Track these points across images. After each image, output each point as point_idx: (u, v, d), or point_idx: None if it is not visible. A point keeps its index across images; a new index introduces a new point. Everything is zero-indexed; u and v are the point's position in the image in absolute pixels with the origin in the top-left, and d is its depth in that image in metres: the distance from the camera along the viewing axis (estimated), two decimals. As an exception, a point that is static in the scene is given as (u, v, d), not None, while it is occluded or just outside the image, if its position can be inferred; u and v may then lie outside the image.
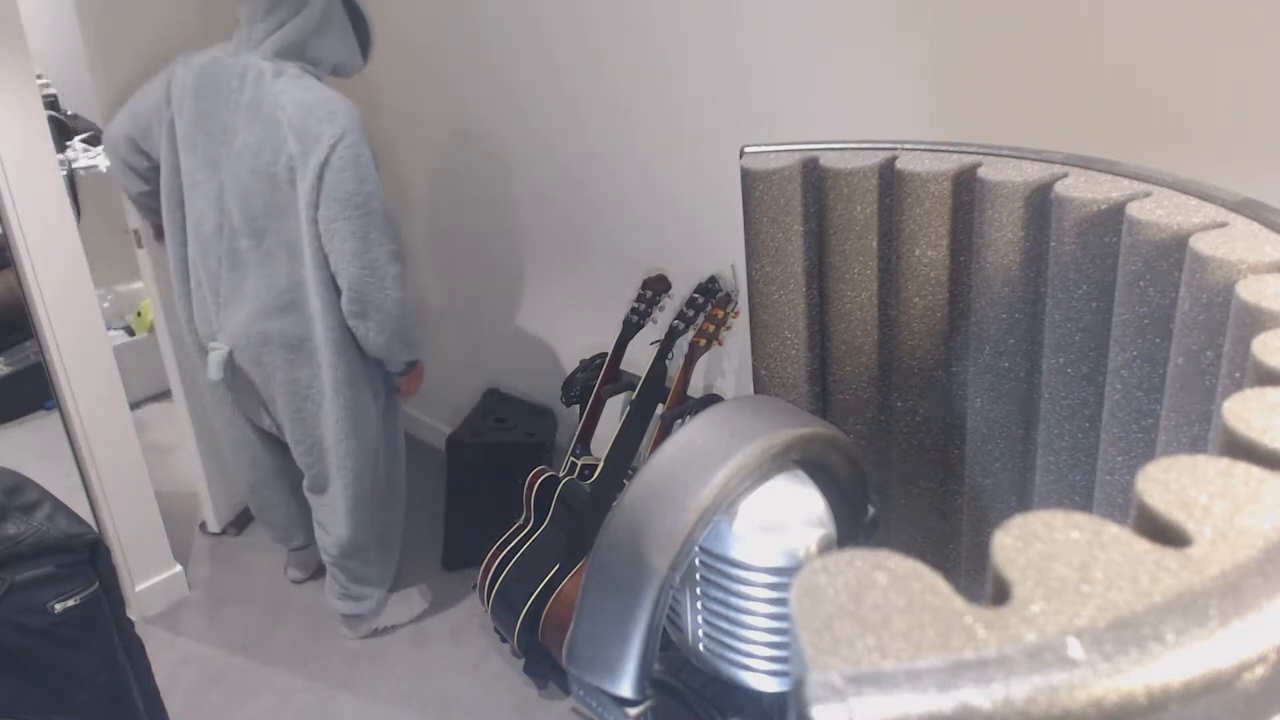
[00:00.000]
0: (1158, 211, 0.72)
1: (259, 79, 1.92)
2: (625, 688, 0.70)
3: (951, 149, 0.93)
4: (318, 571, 2.64)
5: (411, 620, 2.51)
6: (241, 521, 2.87)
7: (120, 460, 2.40)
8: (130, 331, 3.61)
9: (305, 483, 2.30)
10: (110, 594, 1.36)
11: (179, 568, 2.60)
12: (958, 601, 0.33)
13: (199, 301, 2.15)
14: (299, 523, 2.52)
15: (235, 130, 1.95)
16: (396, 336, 2.03)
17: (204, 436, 2.66)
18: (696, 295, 2.10)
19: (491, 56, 2.42)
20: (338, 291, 1.97)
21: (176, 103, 2.03)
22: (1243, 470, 0.39)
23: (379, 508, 2.31)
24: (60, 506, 1.33)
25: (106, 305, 3.52)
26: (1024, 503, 0.96)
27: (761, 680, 0.73)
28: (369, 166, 1.92)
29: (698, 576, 0.73)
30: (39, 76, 2.28)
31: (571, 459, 2.29)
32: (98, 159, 3.12)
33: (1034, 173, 0.84)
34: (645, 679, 0.70)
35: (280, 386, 2.12)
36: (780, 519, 0.70)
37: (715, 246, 2.11)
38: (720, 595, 0.72)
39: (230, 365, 2.13)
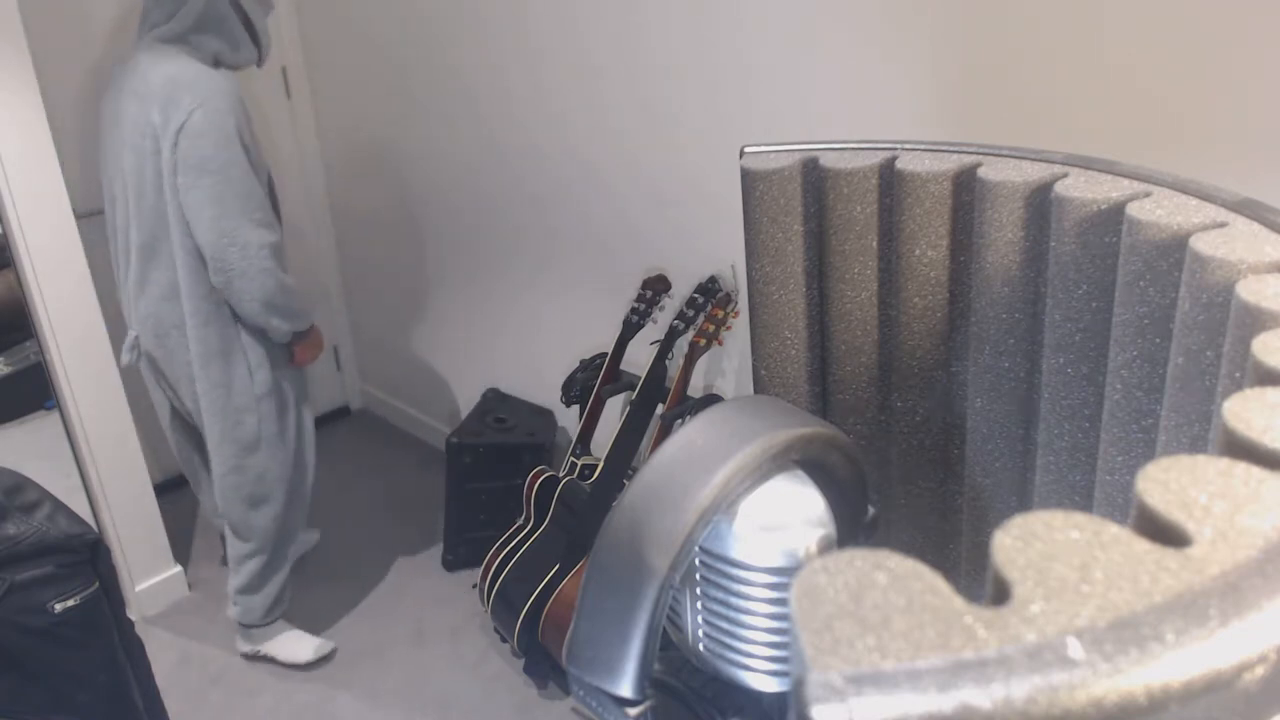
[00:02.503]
0: (1158, 211, 0.72)
1: (137, 65, 1.97)
2: (625, 688, 0.70)
3: (951, 149, 0.93)
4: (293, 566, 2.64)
5: (306, 663, 2.32)
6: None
7: (120, 460, 2.40)
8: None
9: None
10: (110, 594, 1.35)
11: (179, 568, 2.60)
12: (958, 601, 0.33)
13: (123, 294, 2.16)
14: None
15: (121, 115, 1.99)
16: (269, 307, 2.01)
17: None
18: (696, 295, 2.10)
19: (491, 57, 2.42)
20: (204, 262, 1.98)
21: (100, 112, 2.09)
22: (1243, 470, 0.39)
23: (260, 502, 2.21)
24: (60, 506, 1.32)
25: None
26: (1024, 503, 0.96)
27: (761, 680, 0.73)
28: (230, 136, 1.90)
29: (698, 576, 0.73)
30: None
31: (571, 459, 2.29)
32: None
33: (1034, 173, 0.84)
34: (645, 679, 0.70)
35: (183, 367, 2.10)
36: (780, 519, 0.70)
37: (715, 246, 2.11)
38: (720, 595, 0.72)
39: (137, 350, 2.13)
